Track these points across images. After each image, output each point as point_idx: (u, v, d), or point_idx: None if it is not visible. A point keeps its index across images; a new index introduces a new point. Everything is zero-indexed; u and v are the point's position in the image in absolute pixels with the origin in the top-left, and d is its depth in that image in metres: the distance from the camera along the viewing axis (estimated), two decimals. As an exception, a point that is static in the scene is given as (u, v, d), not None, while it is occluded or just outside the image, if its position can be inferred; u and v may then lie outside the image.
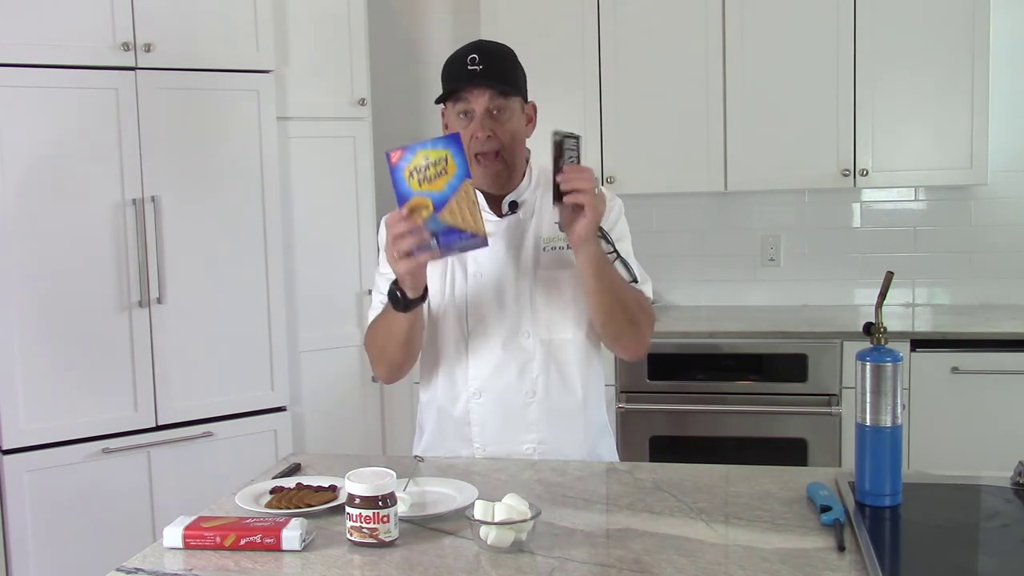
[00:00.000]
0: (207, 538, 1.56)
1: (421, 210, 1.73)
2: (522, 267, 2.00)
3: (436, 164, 1.72)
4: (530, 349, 2.00)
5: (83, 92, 3.04)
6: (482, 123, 1.92)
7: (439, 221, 1.73)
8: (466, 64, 1.91)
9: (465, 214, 1.73)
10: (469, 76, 1.90)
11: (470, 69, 1.90)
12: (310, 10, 3.55)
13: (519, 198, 2.02)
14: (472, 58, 1.91)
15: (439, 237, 1.73)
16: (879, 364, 1.63)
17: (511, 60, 1.98)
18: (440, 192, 1.72)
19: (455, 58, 1.95)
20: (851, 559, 1.44)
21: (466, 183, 1.72)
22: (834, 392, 3.46)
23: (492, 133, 1.92)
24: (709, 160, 3.77)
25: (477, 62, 1.90)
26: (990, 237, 3.90)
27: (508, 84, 1.93)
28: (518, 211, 2.01)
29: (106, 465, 3.12)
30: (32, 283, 2.99)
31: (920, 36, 3.58)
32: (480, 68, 1.89)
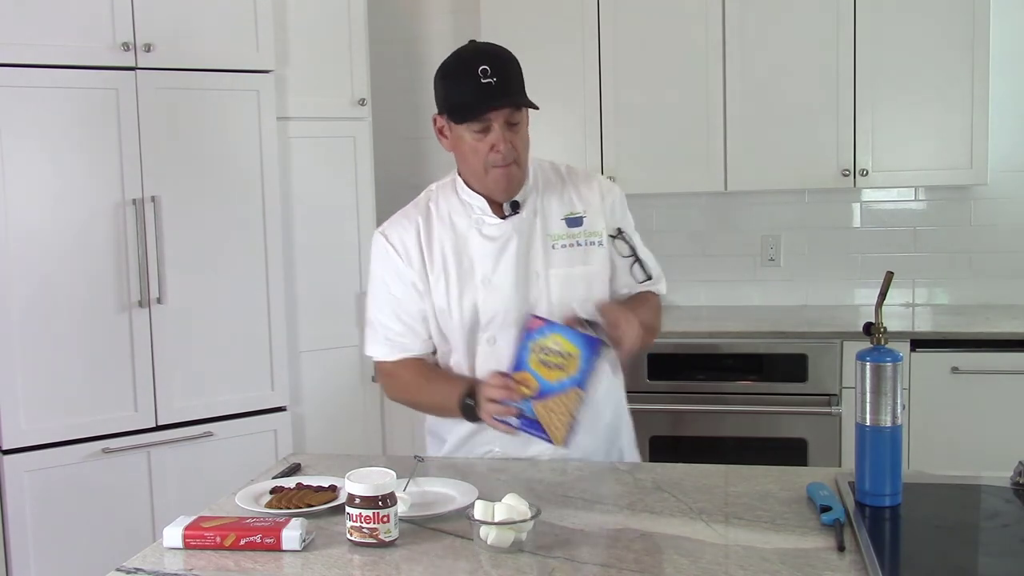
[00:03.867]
0: (207, 538, 1.56)
1: (523, 387, 1.72)
2: (532, 268, 1.97)
3: (562, 356, 1.68)
4: None
5: (83, 92, 3.04)
6: (503, 137, 1.87)
7: (532, 409, 1.71)
8: (478, 77, 1.83)
9: (556, 419, 1.68)
10: (486, 93, 1.83)
11: (484, 83, 1.82)
12: (310, 10, 3.55)
13: (521, 198, 1.98)
14: (484, 70, 1.83)
15: (522, 420, 1.70)
16: (879, 364, 1.63)
17: (516, 64, 1.92)
18: (549, 384, 1.68)
19: (462, 70, 1.86)
20: (851, 559, 1.44)
21: (577, 392, 1.67)
22: (834, 392, 3.46)
23: (512, 145, 1.89)
24: (709, 160, 3.77)
25: (490, 74, 1.83)
26: (990, 237, 3.90)
27: (524, 96, 1.89)
28: (520, 211, 1.98)
29: (106, 465, 3.12)
30: (32, 283, 2.99)
31: (920, 36, 3.58)
32: (495, 81, 1.83)
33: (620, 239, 2.04)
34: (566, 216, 2.00)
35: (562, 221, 1.99)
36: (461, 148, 1.93)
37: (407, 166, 4.33)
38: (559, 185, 2.03)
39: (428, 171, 4.33)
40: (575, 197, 2.02)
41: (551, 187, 2.03)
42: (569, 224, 2.00)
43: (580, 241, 1.99)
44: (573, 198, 2.02)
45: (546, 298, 1.96)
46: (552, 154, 4.15)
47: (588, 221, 2.01)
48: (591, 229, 2.01)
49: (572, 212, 2.01)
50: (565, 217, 2.00)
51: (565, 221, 2.00)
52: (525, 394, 1.72)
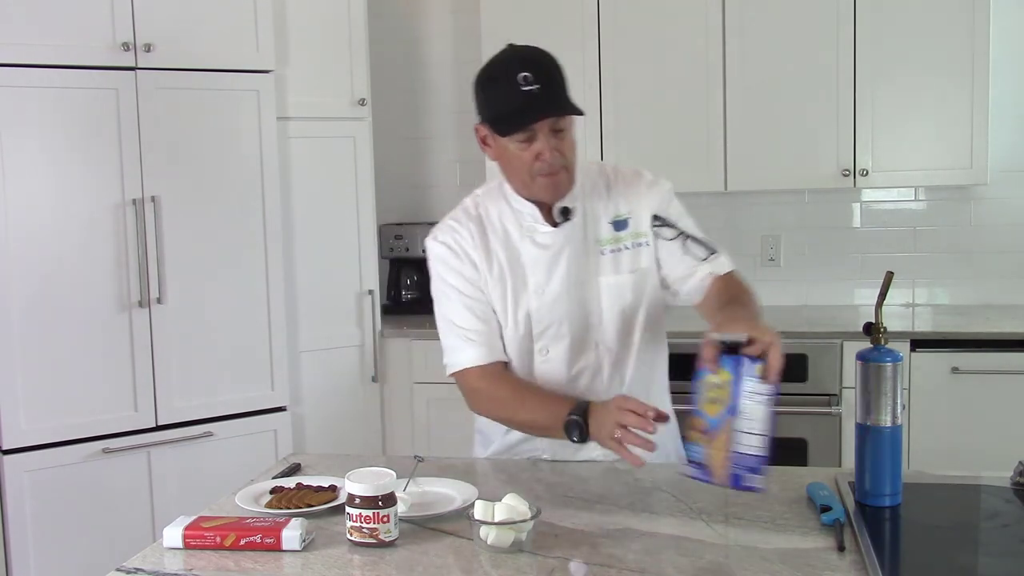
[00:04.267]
0: (207, 538, 1.56)
1: (694, 432, 1.59)
2: (584, 276, 1.93)
3: (719, 387, 1.57)
4: (598, 361, 1.95)
5: (83, 92, 3.04)
6: (549, 145, 1.81)
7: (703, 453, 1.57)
8: (519, 85, 1.77)
9: (717, 455, 1.55)
10: (528, 102, 1.77)
11: (525, 90, 1.76)
12: (310, 10, 3.55)
13: (571, 204, 1.93)
14: (524, 76, 1.77)
15: (692, 466, 1.58)
16: (879, 364, 1.63)
17: (558, 67, 1.84)
18: (713, 420, 1.57)
19: (503, 78, 1.80)
20: (851, 559, 1.44)
21: (730, 421, 1.54)
22: (834, 392, 3.46)
23: (559, 151, 1.83)
24: (709, 160, 3.77)
25: (531, 80, 1.76)
26: (990, 237, 3.90)
27: (569, 102, 1.82)
28: (572, 217, 1.93)
29: (106, 465, 3.12)
30: (32, 283, 2.99)
31: (920, 36, 3.58)
32: (537, 88, 1.76)
33: (660, 224, 1.96)
34: (612, 220, 1.95)
35: (609, 225, 1.94)
36: (506, 158, 1.88)
37: (407, 166, 4.33)
38: (604, 188, 1.97)
39: (428, 171, 4.34)
40: (620, 199, 1.96)
41: (597, 191, 1.97)
42: (616, 228, 1.94)
43: (627, 244, 1.94)
44: (618, 200, 1.96)
45: (597, 307, 1.93)
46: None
47: (633, 222, 1.95)
48: (637, 230, 1.95)
49: (617, 215, 1.95)
50: (611, 221, 1.94)
51: (612, 225, 1.94)
52: (691, 436, 1.60)
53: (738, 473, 1.48)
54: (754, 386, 1.46)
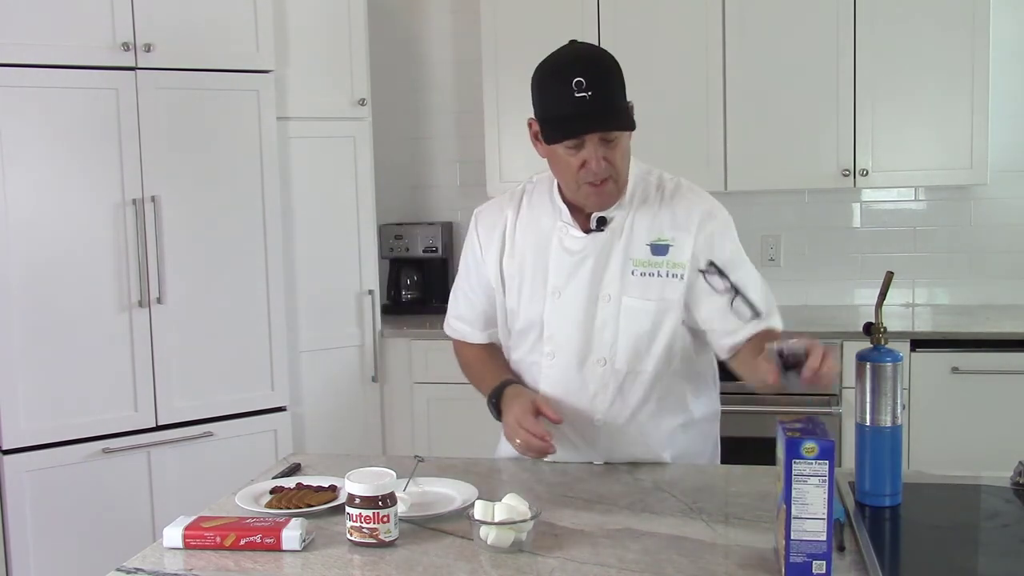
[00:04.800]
0: (207, 538, 1.56)
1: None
2: (604, 290, 1.87)
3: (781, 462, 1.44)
4: (601, 378, 1.90)
5: (83, 92, 3.04)
6: (597, 155, 1.76)
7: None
8: (573, 91, 1.71)
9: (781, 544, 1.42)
10: (580, 111, 1.71)
11: (578, 97, 1.70)
12: (310, 10, 3.55)
13: (611, 214, 1.87)
14: (579, 82, 1.70)
15: None
16: (879, 364, 1.63)
17: (617, 75, 1.78)
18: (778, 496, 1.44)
19: (558, 79, 1.74)
20: (851, 559, 1.44)
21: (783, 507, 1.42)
22: (834, 392, 3.46)
23: (608, 162, 1.78)
24: (709, 160, 3.77)
25: (585, 87, 1.70)
26: (990, 237, 3.90)
27: (622, 117, 1.77)
28: (605, 228, 1.88)
29: (106, 465, 3.12)
30: (32, 283, 2.99)
31: (920, 36, 3.58)
32: (589, 96, 1.70)
33: (713, 273, 1.84)
34: (652, 242, 1.86)
35: (647, 247, 1.85)
36: (555, 160, 1.83)
37: (407, 166, 4.33)
38: (655, 205, 1.89)
39: (428, 171, 4.34)
40: (667, 222, 1.87)
41: (646, 206, 1.89)
42: (654, 251, 1.85)
43: (661, 272, 1.85)
44: (665, 223, 1.87)
45: (613, 325, 1.87)
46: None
47: (674, 251, 1.86)
48: (675, 260, 1.85)
49: (660, 239, 1.86)
50: (651, 243, 1.86)
51: (650, 247, 1.85)
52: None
53: (798, 562, 1.37)
54: (804, 466, 1.36)
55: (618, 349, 1.88)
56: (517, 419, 1.82)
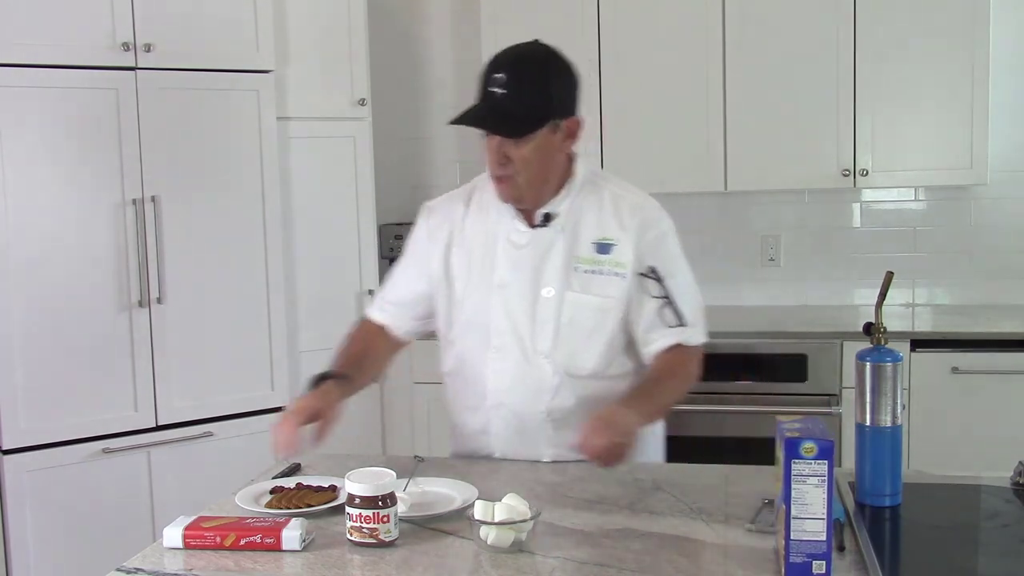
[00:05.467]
0: (207, 538, 1.56)
1: None
2: (546, 284, 1.90)
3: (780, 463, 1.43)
4: (546, 371, 1.91)
5: (83, 92, 3.04)
6: (495, 149, 1.83)
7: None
8: (489, 82, 1.80)
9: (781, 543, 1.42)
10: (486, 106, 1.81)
11: (491, 91, 1.79)
12: (310, 10, 3.55)
13: (554, 210, 1.91)
14: (498, 77, 1.78)
15: None
16: (879, 364, 1.63)
17: (543, 83, 1.82)
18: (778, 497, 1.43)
19: (486, 67, 1.83)
20: (851, 559, 1.44)
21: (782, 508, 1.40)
22: (834, 392, 3.46)
23: (505, 161, 1.83)
24: (709, 160, 3.77)
25: (501, 83, 1.78)
26: (990, 237, 3.90)
27: (518, 127, 1.80)
28: (550, 223, 1.91)
29: (106, 465, 3.12)
30: (32, 283, 2.99)
31: (920, 36, 3.58)
32: (502, 92, 1.78)
33: (651, 278, 1.90)
34: (597, 240, 1.90)
35: (592, 245, 1.90)
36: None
37: (407, 166, 4.33)
38: (601, 205, 1.93)
39: (428, 171, 4.33)
40: (612, 222, 1.91)
41: (592, 205, 1.93)
42: (598, 250, 1.90)
43: (604, 270, 1.89)
44: (610, 223, 1.91)
45: (554, 319, 1.90)
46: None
47: (617, 250, 1.90)
48: (618, 260, 1.90)
49: (604, 238, 1.90)
50: (596, 241, 1.90)
51: (595, 245, 1.90)
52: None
53: (798, 562, 1.37)
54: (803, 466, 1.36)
55: (560, 344, 1.90)
56: (290, 411, 1.82)
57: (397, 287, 2.08)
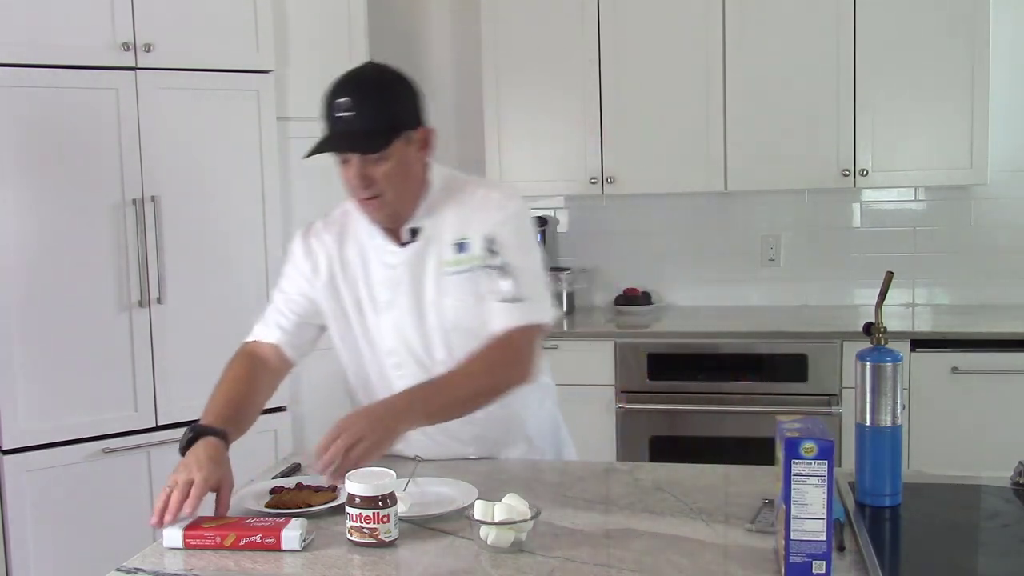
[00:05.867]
0: (207, 538, 1.56)
1: None
2: (428, 295, 1.90)
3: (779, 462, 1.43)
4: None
5: (83, 92, 3.03)
6: (359, 172, 1.82)
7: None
8: (335, 108, 1.81)
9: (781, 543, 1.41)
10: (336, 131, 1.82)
11: (338, 116, 1.80)
12: (310, 10, 3.55)
13: (417, 224, 1.91)
14: (341, 102, 1.80)
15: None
16: (879, 364, 1.63)
17: (386, 98, 1.84)
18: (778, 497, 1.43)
19: (327, 97, 1.84)
20: (851, 559, 1.44)
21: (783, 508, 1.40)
22: (834, 392, 3.46)
23: (369, 182, 1.83)
24: (709, 160, 3.77)
25: (346, 106, 1.80)
26: (990, 237, 3.90)
27: (374, 143, 1.81)
28: (418, 237, 1.91)
29: (106, 465, 3.12)
30: (32, 283, 2.99)
31: (920, 36, 3.58)
32: (349, 115, 1.79)
33: (490, 250, 1.87)
34: (456, 241, 1.89)
35: (453, 247, 1.89)
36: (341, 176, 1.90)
37: (407, 166, 4.32)
38: (454, 207, 1.92)
39: (428, 171, 4.33)
40: (467, 219, 1.90)
41: (451, 209, 1.92)
42: (458, 250, 1.88)
43: (471, 267, 1.88)
44: (465, 221, 1.90)
45: (440, 328, 1.90)
46: (552, 154, 4.16)
47: (471, 244, 1.89)
48: (475, 253, 1.89)
49: (462, 237, 1.89)
50: (455, 243, 1.89)
51: (455, 247, 1.89)
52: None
53: (798, 562, 1.36)
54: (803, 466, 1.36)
55: (455, 348, 1.90)
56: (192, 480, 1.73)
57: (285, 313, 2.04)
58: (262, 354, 2.04)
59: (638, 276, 4.18)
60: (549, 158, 3.92)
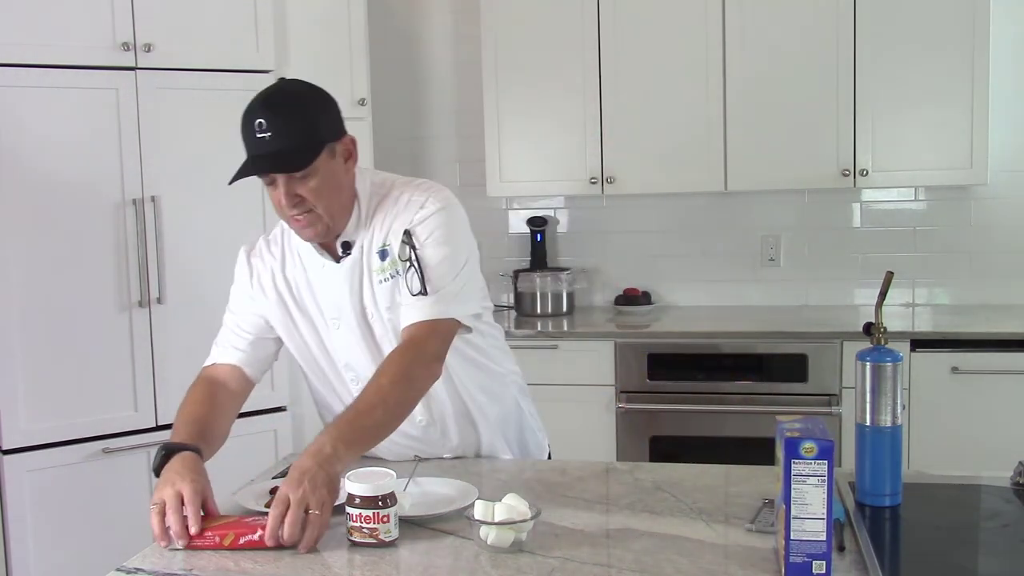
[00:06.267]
0: (207, 538, 1.56)
1: None
2: (367, 307, 1.90)
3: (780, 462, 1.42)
4: None
5: (83, 92, 3.03)
6: (287, 192, 1.81)
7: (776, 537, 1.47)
8: (254, 131, 1.77)
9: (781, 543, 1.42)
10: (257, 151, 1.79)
11: (259, 137, 1.77)
12: (310, 10, 3.55)
13: (350, 238, 1.91)
14: (259, 123, 1.77)
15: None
16: (879, 364, 1.63)
17: (303, 114, 1.81)
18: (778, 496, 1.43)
19: (244, 119, 1.81)
20: (851, 559, 1.44)
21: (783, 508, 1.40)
22: (834, 392, 3.46)
23: (298, 200, 1.81)
24: (709, 160, 3.77)
25: (264, 128, 1.76)
26: (990, 237, 3.90)
27: (301, 157, 1.78)
28: (352, 250, 1.90)
29: (106, 465, 3.12)
30: (32, 283, 2.99)
31: (920, 36, 3.58)
32: (269, 136, 1.75)
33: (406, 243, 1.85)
34: (379, 249, 1.88)
35: (377, 255, 1.88)
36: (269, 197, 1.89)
37: (407, 166, 4.32)
38: (380, 215, 1.91)
39: (428, 171, 4.33)
40: (388, 226, 1.89)
41: (379, 218, 1.91)
42: (381, 257, 1.88)
43: (394, 272, 1.86)
44: (387, 227, 1.89)
45: (387, 338, 1.89)
46: (552, 154, 4.15)
47: (392, 249, 1.88)
48: (395, 258, 1.87)
49: (384, 243, 1.88)
50: (379, 250, 1.88)
51: (379, 255, 1.88)
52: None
53: (798, 562, 1.36)
54: (803, 466, 1.36)
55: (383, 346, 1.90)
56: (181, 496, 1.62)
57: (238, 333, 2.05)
58: (221, 377, 2.02)
59: (638, 276, 4.18)
60: (549, 158, 3.92)
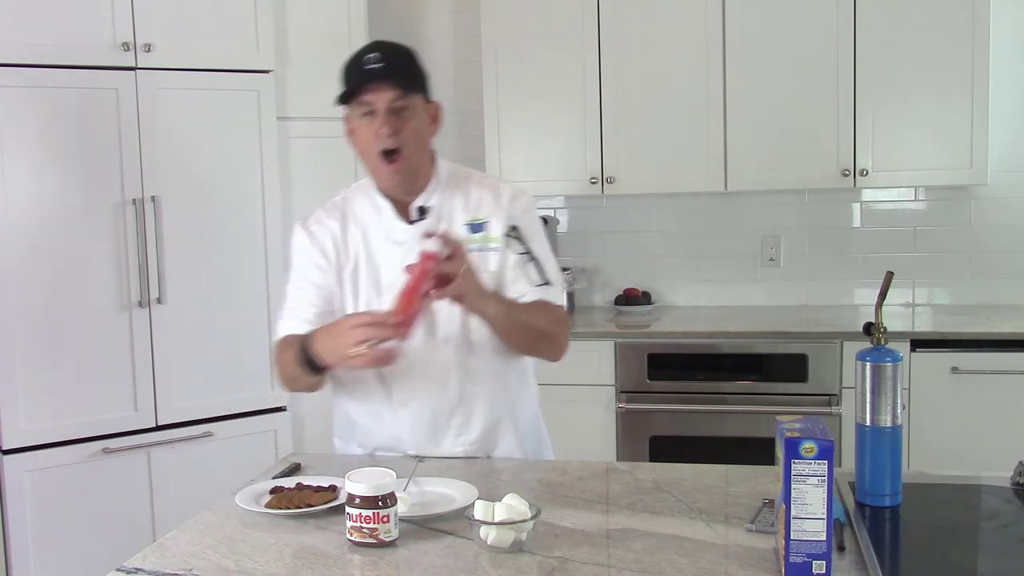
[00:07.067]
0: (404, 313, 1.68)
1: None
2: None
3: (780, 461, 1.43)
4: (450, 357, 1.95)
5: (83, 92, 3.04)
6: (386, 119, 1.87)
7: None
8: (364, 64, 1.88)
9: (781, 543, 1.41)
10: (368, 75, 1.87)
11: (368, 68, 1.87)
12: (310, 10, 3.55)
13: (427, 203, 1.97)
14: (370, 57, 1.88)
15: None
16: (879, 364, 1.63)
17: (412, 59, 1.95)
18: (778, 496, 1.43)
19: (353, 59, 1.92)
20: (851, 559, 1.44)
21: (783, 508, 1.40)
22: (834, 392, 3.46)
23: (396, 131, 1.88)
24: (709, 160, 3.77)
25: (377, 60, 1.87)
26: (990, 237, 3.90)
27: (408, 80, 1.90)
28: (427, 215, 1.97)
29: (106, 465, 3.12)
30: (32, 283, 2.99)
31: (920, 36, 3.58)
32: (380, 66, 1.86)
33: (514, 237, 1.97)
34: (469, 221, 1.97)
35: (465, 226, 1.96)
36: (358, 141, 1.94)
37: (407, 166, 4.33)
38: (465, 189, 2.01)
39: (428, 171, 4.33)
40: (480, 202, 1.99)
41: (460, 191, 2.00)
42: (472, 230, 1.96)
43: (478, 248, 1.94)
44: (479, 203, 1.99)
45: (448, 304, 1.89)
46: (552, 154, 4.16)
47: (489, 227, 1.98)
48: (490, 236, 1.97)
49: (476, 218, 1.98)
50: (468, 223, 1.97)
51: (468, 227, 1.96)
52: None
53: (798, 562, 1.36)
54: (803, 466, 1.36)
55: (457, 324, 1.94)
56: (354, 322, 1.76)
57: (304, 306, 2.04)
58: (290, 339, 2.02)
59: (638, 276, 4.18)
60: (549, 158, 3.93)
